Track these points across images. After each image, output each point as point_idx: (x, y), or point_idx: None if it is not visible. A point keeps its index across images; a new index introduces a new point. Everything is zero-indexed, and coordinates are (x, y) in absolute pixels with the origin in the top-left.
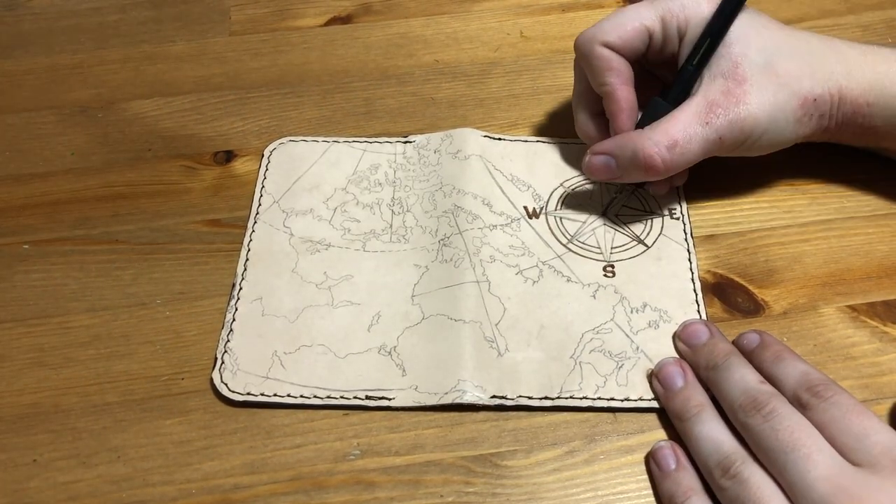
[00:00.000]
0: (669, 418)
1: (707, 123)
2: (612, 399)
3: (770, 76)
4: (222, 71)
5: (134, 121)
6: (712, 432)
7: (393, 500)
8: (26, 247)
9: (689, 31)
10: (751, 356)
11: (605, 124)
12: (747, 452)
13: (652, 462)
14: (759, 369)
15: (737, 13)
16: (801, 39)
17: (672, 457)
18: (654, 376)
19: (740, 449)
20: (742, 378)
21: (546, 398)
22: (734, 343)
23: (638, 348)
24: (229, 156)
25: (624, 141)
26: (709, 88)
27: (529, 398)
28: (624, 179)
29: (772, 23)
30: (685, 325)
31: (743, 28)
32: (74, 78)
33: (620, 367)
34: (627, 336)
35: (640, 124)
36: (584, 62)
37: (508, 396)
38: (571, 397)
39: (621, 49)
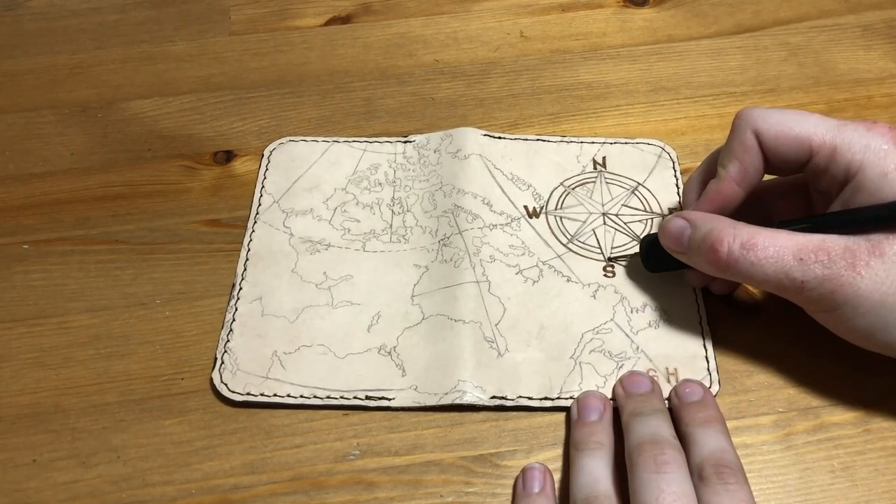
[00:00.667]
0: (570, 443)
1: (801, 260)
2: (613, 400)
3: (882, 263)
4: (222, 71)
5: (134, 121)
6: (595, 470)
7: (393, 500)
8: (26, 247)
9: (858, 179)
10: (683, 409)
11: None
12: (618, 501)
13: (519, 479)
14: (683, 424)
15: None
16: None
17: (539, 481)
18: (575, 400)
19: (612, 496)
20: (657, 427)
21: (546, 398)
22: (679, 386)
23: (638, 348)
24: (229, 156)
25: (710, 218)
26: (834, 236)
27: (529, 398)
28: (687, 259)
29: None
30: (630, 374)
31: None
32: (74, 78)
33: (620, 367)
34: (627, 336)
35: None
36: (732, 129)
37: (508, 397)
38: (571, 398)
39: (771, 146)
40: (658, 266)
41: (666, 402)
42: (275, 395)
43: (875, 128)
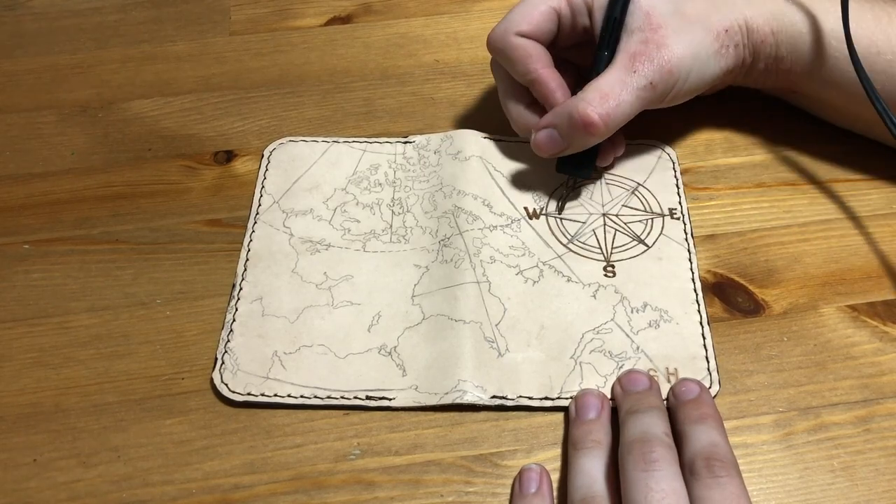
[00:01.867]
0: (568, 441)
1: (635, 72)
2: (613, 399)
3: (681, 18)
4: (222, 71)
5: (134, 121)
6: (593, 469)
7: (393, 499)
8: (26, 247)
9: (597, 3)
10: (679, 407)
11: (540, 112)
12: (615, 501)
13: (516, 480)
14: (678, 422)
15: None
16: None
17: (536, 481)
18: (574, 398)
19: (610, 496)
20: (650, 424)
21: (546, 398)
22: (676, 384)
23: (638, 348)
24: (229, 156)
25: (559, 109)
26: (628, 43)
27: (529, 398)
28: (571, 149)
29: None
30: (629, 372)
31: None
32: (74, 78)
33: (621, 367)
34: (628, 336)
35: None
36: (502, 57)
37: (508, 397)
38: (571, 398)
39: (534, 35)
40: (580, 168)
41: (664, 401)
42: (275, 395)
43: None
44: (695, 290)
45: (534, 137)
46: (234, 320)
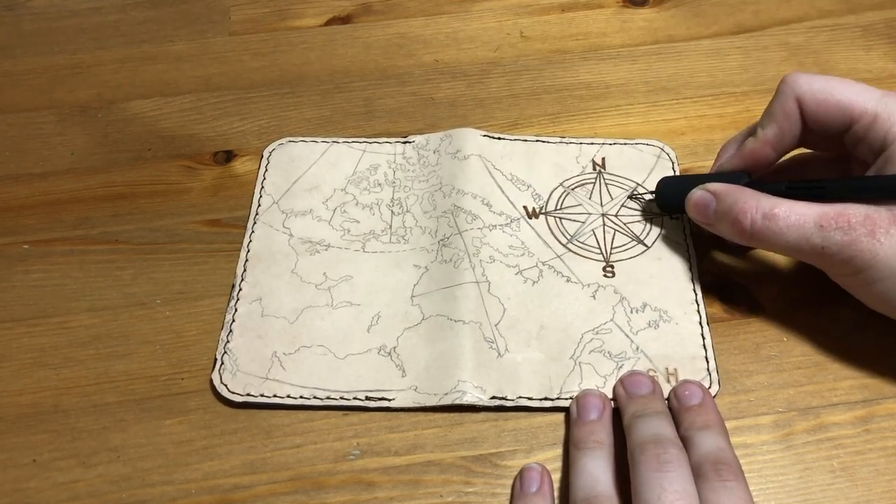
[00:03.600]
0: (570, 442)
1: (821, 227)
2: (613, 400)
3: None
4: (222, 71)
5: (134, 121)
6: (595, 469)
7: (393, 500)
8: (26, 247)
9: (893, 150)
10: (683, 413)
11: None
12: (618, 501)
13: (517, 479)
14: (682, 428)
15: None
16: None
17: (537, 481)
18: (575, 398)
19: (613, 495)
20: (659, 427)
21: (546, 399)
22: (678, 387)
23: (638, 348)
24: (229, 156)
25: (733, 190)
26: (856, 205)
27: (529, 399)
28: (713, 229)
29: None
30: (631, 374)
31: None
32: (74, 78)
33: (620, 367)
34: (627, 336)
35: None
36: (773, 98)
37: (508, 397)
38: (571, 398)
39: (812, 113)
40: (671, 207)
41: (666, 402)
42: (275, 395)
43: None
44: (694, 291)
45: (693, 192)
46: (233, 321)
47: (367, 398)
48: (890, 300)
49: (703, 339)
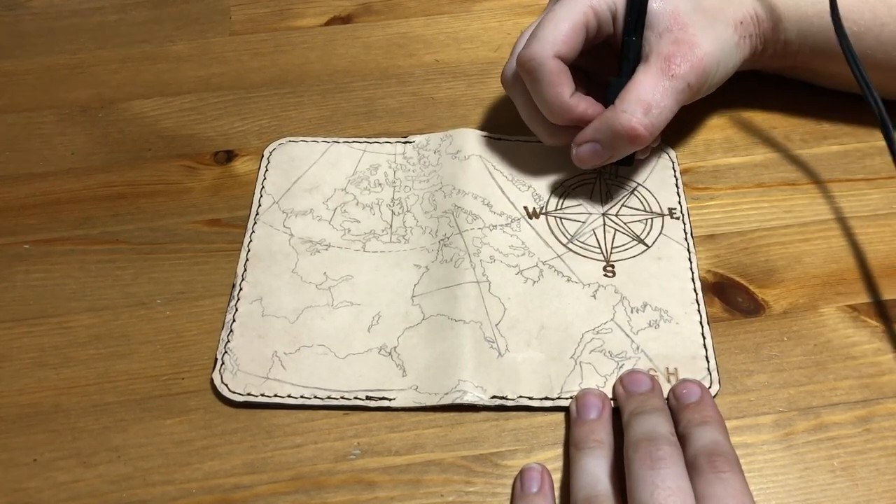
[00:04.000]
0: (570, 442)
1: (672, 76)
2: (613, 399)
3: (703, 14)
4: (222, 71)
5: (134, 121)
6: (596, 469)
7: (393, 499)
8: (26, 247)
9: (619, 8)
10: (681, 410)
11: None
12: (619, 500)
13: (517, 479)
14: (681, 425)
15: None
16: None
17: (537, 481)
18: (574, 398)
19: (613, 495)
20: (655, 424)
21: (546, 398)
22: (677, 386)
23: (638, 348)
24: (229, 156)
25: (601, 123)
26: (659, 45)
27: (530, 398)
28: (615, 158)
29: None
30: (630, 372)
31: None
32: (74, 78)
33: (621, 367)
34: (628, 336)
35: (607, 104)
36: (532, 78)
37: (509, 396)
38: (572, 397)
39: (568, 55)
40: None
41: (665, 400)
42: (275, 395)
43: None
44: (695, 290)
45: (575, 152)
46: (234, 320)
47: (368, 398)
48: (726, 72)
49: (704, 338)
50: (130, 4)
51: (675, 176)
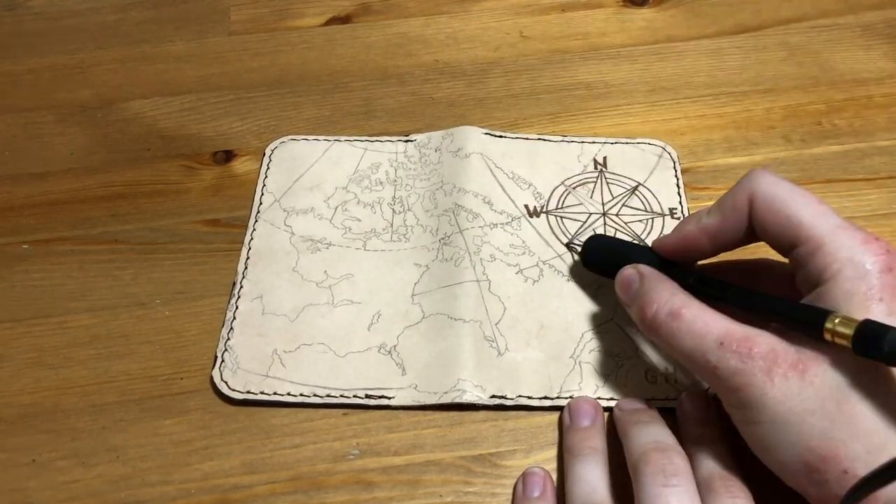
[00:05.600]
0: (563, 449)
1: (721, 345)
2: (612, 399)
3: (833, 404)
4: (222, 71)
5: (133, 121)
6: (591, 477)
7: (392, 499)
8: (26, 247)
9: (827, 287)
10: (688, 423)
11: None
12: None
13: (519, 483)
14: (688, 439)
15: None
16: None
17: (539, 486)
18: (567, 406)
19: (610, 503)
20: (659, 433)
21: (546, 398)
22: (684, 398)
23: (638, 348)
24: (229, 155)
25: (655, 276)
26: (768, 334)
27: (529, 398)
28: (628, 308)
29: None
30: (627, 400)
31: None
32: (74, 78)
33: (620, 366)
34: (628, 336)
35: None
36: (731, 188)
37: (508, 396)
38: (571, 397)
39: (758, 220)
40: (594, 267)
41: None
42: (275, 393)
43: (871, 243)
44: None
45: (626, 268)
46: (234, 318)
47: (367, 396)
48: (767, 447)
49: None
50: (130, 4)
51: (675, 176)
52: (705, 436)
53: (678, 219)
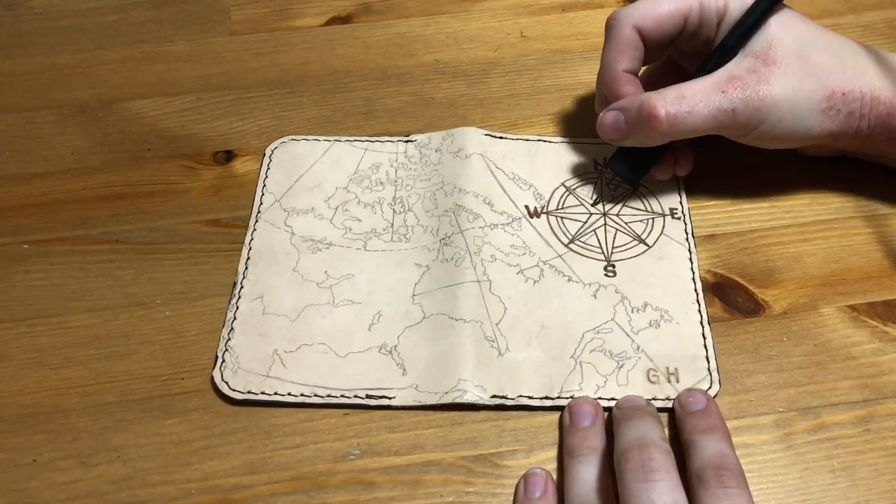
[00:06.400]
0: (563, 450)
1: (723, 92)
2: (613, 399)
3: (801, 63)
4: (222, 71)
5: (134, 121)
6: (590, 477)
7: (393, 499)
8: (26, 247)
9: (728, 15)
10: (686, 418)
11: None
12: None
13: (520, 483)
14: (685, 432)
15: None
16: (839, 39)
17: (541, 486)
18: (567, 407)
19: (609, 503)
20: (645, 430)
21: (546, 398)
22: (682, 395)
23: (639, 348)
24: (229, 155)
25: (634, 97)
26: (736, 64)
27: (530, 398)
28: (630, 140)
29: (810, 21)
30: (627, 398)
31: (783, 16)
32: (74, 78)
33: (621, 366)
34: (628, 336)
35: None
36: (607, 39)
37: (509, 396)
38: (572, 397)
39: (652, 32)
40: (632, 172)
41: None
42: (275, 393)
43: None
44: (695, 290)
45: (600, 117)
46: (234, 318)
47: (368, 396)
48: (794, 131)
49: (704, 338)
50: (130, 4)
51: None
52: (700, 428)
53: (678, 218)
